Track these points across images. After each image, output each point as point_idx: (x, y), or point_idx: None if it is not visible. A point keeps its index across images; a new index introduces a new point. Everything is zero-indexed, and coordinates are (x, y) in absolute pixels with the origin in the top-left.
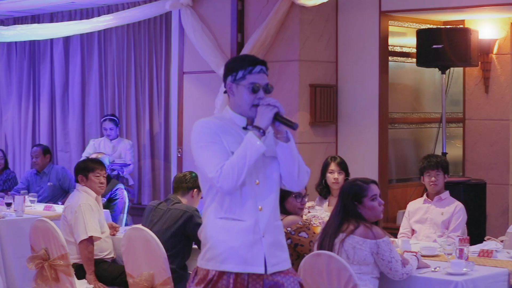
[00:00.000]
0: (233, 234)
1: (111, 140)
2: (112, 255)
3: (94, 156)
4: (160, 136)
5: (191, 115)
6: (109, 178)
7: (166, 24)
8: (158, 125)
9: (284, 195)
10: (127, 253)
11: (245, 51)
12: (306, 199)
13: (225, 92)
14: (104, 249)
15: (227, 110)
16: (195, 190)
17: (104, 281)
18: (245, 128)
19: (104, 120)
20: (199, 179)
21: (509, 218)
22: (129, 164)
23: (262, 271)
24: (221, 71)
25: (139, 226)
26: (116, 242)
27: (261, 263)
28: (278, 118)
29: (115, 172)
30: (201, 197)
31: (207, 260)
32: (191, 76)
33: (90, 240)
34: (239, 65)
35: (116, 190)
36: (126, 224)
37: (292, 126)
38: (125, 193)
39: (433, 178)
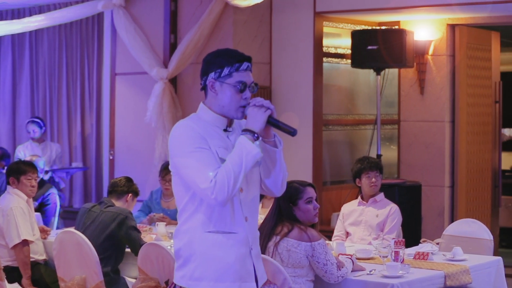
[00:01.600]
0: (227, 249)
1: (36, 143)
2: (44, 257)
3: (28, 158)
4: (91, 138)
5: (123, 116)
6: (42, 182)
7: (98, 24)
8: (89, 127)
9: None
10: (58, 256)
11: (178, 52)
12: None
13: (202, 89)
14: (35, 251)
15: (205, 111)
16: (130, 194)
17: (40, 286)
18: (225, 130)
19: (28, 122)
20: (174, 188)
21: (445, 220)
22: (86, 168)
23: (254, 286)
24: (153, 72)
25: (71, 229)
26: (47, 245)
27: (252, 278)
28: (272, 121)
29: (46, 176)
30: (136, 202)
31: (197, 279)
32: (123, 77)
33: (25, 243)
34: (224, 61)
35: (48, 195)
36: (58, 228)
37: (291, 132)
38: (57, 197)
39: (373, 180)
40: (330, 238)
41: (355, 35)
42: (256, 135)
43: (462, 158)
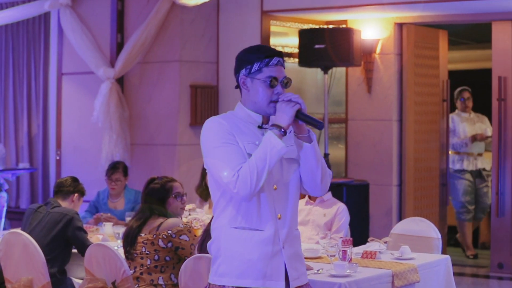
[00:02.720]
0: (251, 246)
1: None
2: None
3: None
4: (38, 138)
5: (69, 116)
6: None
7: (45, 24)
8: (36, 127)
9: (164, 196)
10: (5, 258)
11: (125, 51)
12: (185, 198)
13: (236, 87)
14: None
15: (240, 107)
16: (76, 194)
17: None
18: (260, 127)
19: None
20: (209, 184)
21: (393, 219)
22: (35, 169)
23: (282, 286)
24: (100, 72)
25: (17, 230)
26: None
27: (281, 277)
28: (300, 116)
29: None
30: (82, 202)
31: (220, 275)
32: (70, 77)
33: None
34: (254, 56)
35: None
36: (4, 229)
37: (317, 125)
38: (4, 199)
39: None
40: None
41: (303, 34)
42: (283, 130)
43: (409, 156)
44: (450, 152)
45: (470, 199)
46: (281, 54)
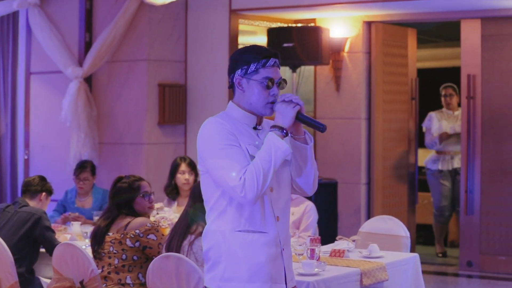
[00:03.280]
0: (257, 248)
1: None
2: None
3: None
4: (6, 138)
5: (38, 116)
6: None
7: (13, 23)
8: (4, 127)
9: (132, 196)
10: None
11: (93, 50)
12: (153, 197)
13: (230, 87)
14: None
15: (234, 108)
16: (44, 193)
17: None
18: (255, 128)
19: None
20: (205, 185)
21: (361, 217)
22: None
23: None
24: (68, 71)
25: None
26: None
27: (283, 279)
28: (301, 117)
29: None
30: (50, 201)
31: (227, 280)
32: (38, 77)
33: None
34: (250, 57)
35: None
36: None
37: (320, 128)
38: None
39: None
40: None
41: (271, 32)
42: (285, 131)
43: (378, 155)
44: (433, 152)
45: (446, 204)
46: (277, 55)
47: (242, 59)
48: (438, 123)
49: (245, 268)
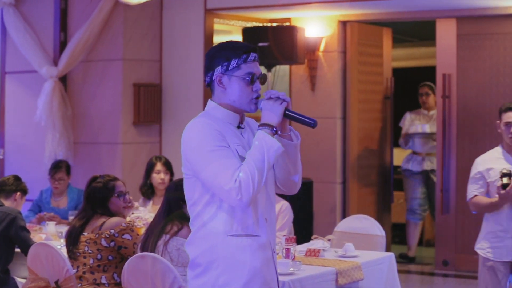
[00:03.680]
0: (252, 252)
1: None
2: None
3: None
4: None
5: (13, 115)
6: None
7: None
8: None
9: (107, 195)
10: None
11: (68, 50)
12: (128, 197)
13: (207, 85)
14: None
15: (215, 107)
16: (19, 193)
17: None
18: (239, 127)
19: None
20: (190, 188)
21: (336, 216)
22: None
23: None
24: (43, 70)
25: None
26: None
27: (275, 282)
28: (289, 113)
29: None
30: (25, 201)
31: (222, 286)
32: (13, 76)
33: None
34: (231, 53)
35: None
36: None
37: (310, 123)
38: None
39: None
40: None
41: (246, 32)
42: (274, 129)
43: (353, 154)
44: (410, 151)
45: (417, 205)
46: (256, 50)
47: (222, 55)
48: (409, 123)
49: (242, 274)
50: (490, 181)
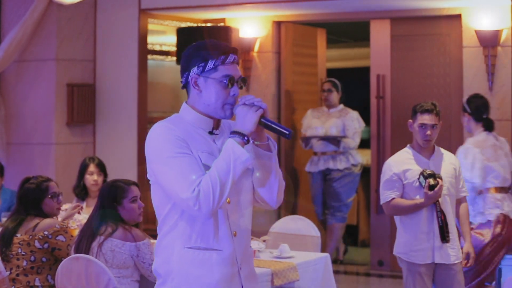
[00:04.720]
0: (208, 268)
1: None
2: None
3: None
4: None
5: None
6: None
7: None
8: None
9: (40, 196)
10: None
11: (1, 50)
12: (61, 198)
13: (183, 87)
14: None
15: (188, 111)
16: None
17: None
18: (211, 133)
19: None
20: (155, 197)
21: (271, 217)
22: None
23: None
24: None
25: None
26: None
27: None
28: (264, 122)
29: None
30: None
31: None
32: None
33: None
34: (208, 53)
35: None
36: None
37: (285, 134)
38: None
39: None
40: (155, 237)
41: (180, 32)
42: (246, 138)
43: (287, 154)
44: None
45: (317, 206)
46: (236, 51)
47: (199, 55)
48: (309, 121)
49: None
50: (407, 182)
